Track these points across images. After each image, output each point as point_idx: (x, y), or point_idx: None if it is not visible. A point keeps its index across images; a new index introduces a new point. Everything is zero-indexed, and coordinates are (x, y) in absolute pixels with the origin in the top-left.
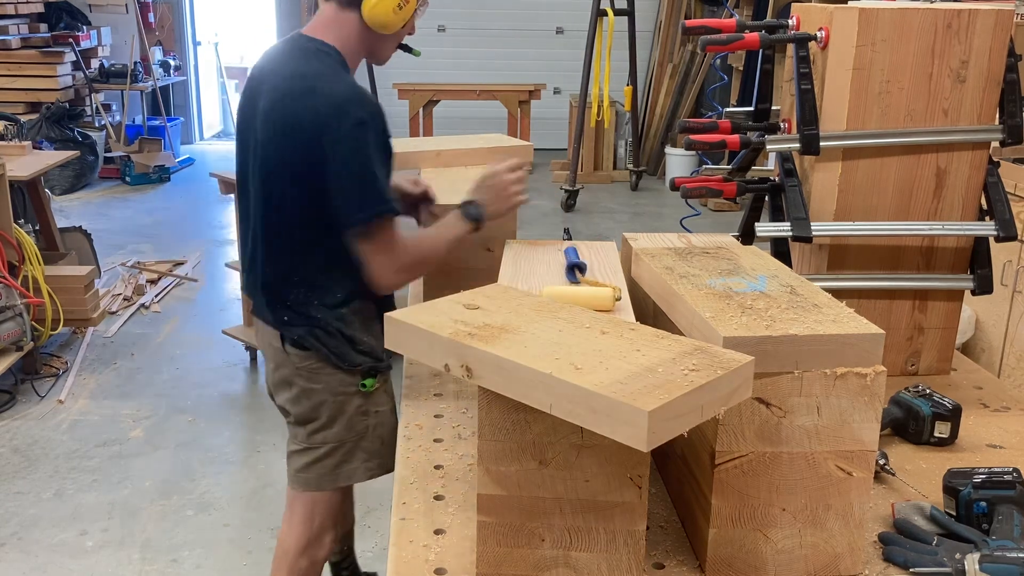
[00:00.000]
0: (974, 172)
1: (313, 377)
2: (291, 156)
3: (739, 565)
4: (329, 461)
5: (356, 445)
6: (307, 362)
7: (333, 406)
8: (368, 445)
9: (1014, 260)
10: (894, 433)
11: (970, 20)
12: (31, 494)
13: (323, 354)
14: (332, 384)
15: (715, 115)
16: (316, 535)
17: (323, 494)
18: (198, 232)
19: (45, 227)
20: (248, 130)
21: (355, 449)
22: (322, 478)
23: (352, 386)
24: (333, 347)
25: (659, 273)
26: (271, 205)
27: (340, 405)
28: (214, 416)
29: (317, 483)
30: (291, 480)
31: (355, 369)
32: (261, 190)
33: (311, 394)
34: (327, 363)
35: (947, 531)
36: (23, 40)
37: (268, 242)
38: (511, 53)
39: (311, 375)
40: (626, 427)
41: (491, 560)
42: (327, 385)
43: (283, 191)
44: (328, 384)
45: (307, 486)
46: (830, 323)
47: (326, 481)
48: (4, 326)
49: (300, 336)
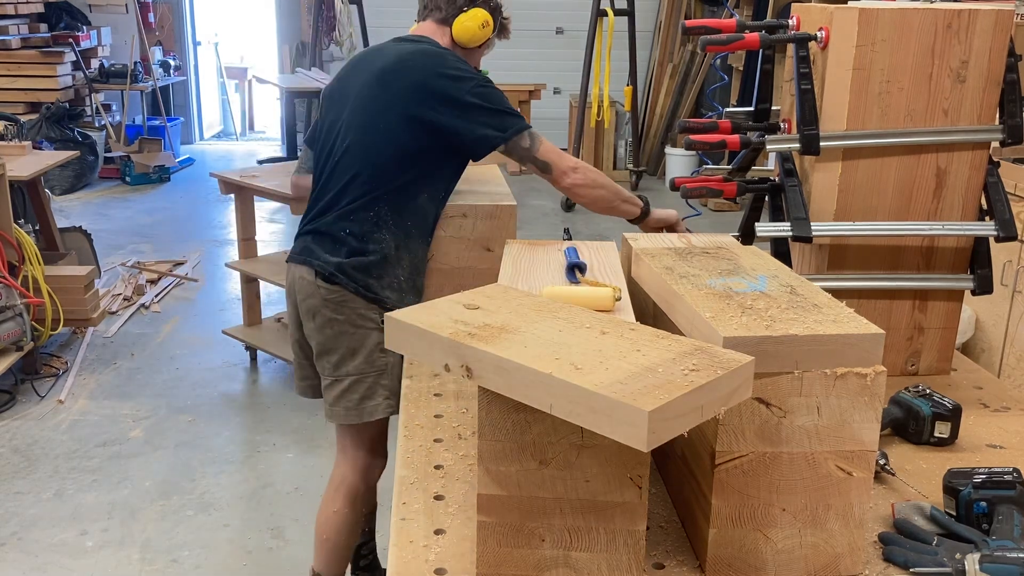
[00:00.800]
0: (974, 172)
1: (338, 308)
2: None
3: (739, 565)
4: (353, 395)
5: (376, 381)
6: (333, 295)
7: (354, 337)
8: (387, 383)
9: (1014, 260)
10: (894, 433)
11: (970, 20)
12: (31, 494)
13: (351, 288)
14: (353, 317)
15: (715, 115)
16: (369, 461)
17: (364, 426)
18: (198, 232)
19: (45, 227)
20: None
21: (376, 385)
22: (348, 412)
23: (371, 321)
24: (360, 282)
25: (659, 273)
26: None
27: (361, 338)
28: (214, 416)
29: (345, 416)
30: (327, 415)
31: (376, 302)
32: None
33: (334, 323)
34: (354, 295)
35: (947, 531)
36: (23, 40)
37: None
38: (511, 53)
39: (336, 307)
40: (626, 427)
41: (491, 560)
42: (348, 317)
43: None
44: (349, 317)
45: (338, 419)
46: (830, 323)
47: (352, 415)
48: (4, 326)
49: (330, 273)
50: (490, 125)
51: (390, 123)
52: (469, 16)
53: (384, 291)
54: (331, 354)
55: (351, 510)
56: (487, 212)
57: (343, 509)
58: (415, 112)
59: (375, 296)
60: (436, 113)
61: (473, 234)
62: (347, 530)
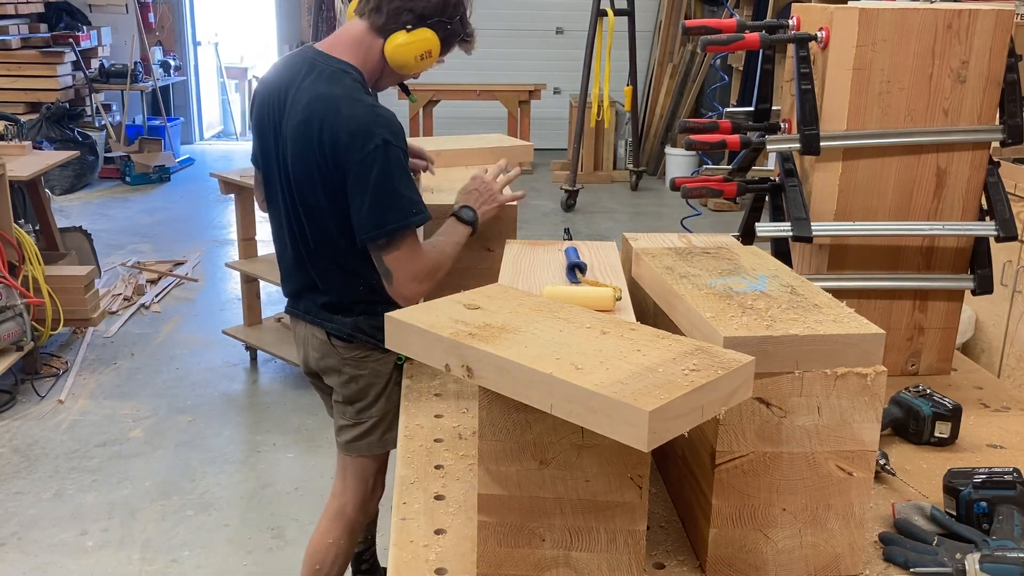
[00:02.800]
0: (974, 172)
1: (360, 364)
2: (322, 176)
3: (739, 565)
4: (377, 432)
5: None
6: (353, 352)
7: (379, 387)
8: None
9: (1014, 260)
10: (894, 433)
11: (970, 20)
12: (31, 494)
13: (370, 345)
14: (377, 368)
15: (715, 115)
16: (370, 493)
17: (373, 458)
18: (198, 232)
19: (45, 227)
20: (272, 146)
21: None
22: (372, 445)
23: (390, 364)
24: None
25: (659, 273)
26: (313, 222)
27: (384, 384)
28: (214, 416)
29: (368, 449)
30: (343, 449)
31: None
32: (300, 208)
33: (359, 379)
34: (374, 350)
35: (947, 531)
36: (23, 40)
37: (316, 262)
38: (511, 53)
39: (358, 363)
40: (626, 427)
41: (491, 560)
42: (372, 370)
43: (320, 209)
44: (373, 369)
45: (359, 452)
46: (830, 323)
47: (376, 447)
48: (4, 326)
49: (348, 334)
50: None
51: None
52: (409, 40)
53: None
54: (356, 403)
55: (347, 540)
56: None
57: (340, 540)
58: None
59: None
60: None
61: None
62: (341, 560)
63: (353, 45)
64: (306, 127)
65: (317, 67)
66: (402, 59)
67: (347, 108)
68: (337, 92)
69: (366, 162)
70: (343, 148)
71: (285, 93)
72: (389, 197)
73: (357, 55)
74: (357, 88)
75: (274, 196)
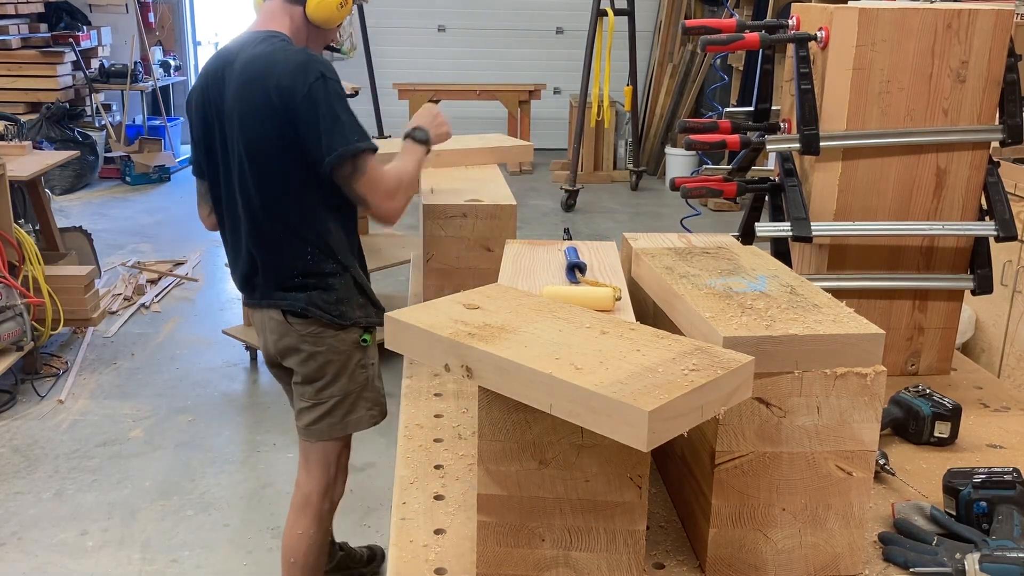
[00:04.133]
0: (974, 172)
1: (317, 341)
2: (274, 126)
3: (739, 565)
4: (337, 412)
5: (359, 396)
6: (310, 328)
7: (337, 364)
8: (369, 395)
9: (1014, 260)
10: (894, 433)
11: (970, 20)
12: (31, 494)
13: (325, 320)
14: (334, 344)
15: (715, 115)
16: (333, 478)
17: (334, 442)
18: (198, 232)
19: (45, 227)
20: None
21: (358, 400)
22: (333, 427)
23: (351, 344)
24: (334, 312)
25: (659, 273)
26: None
27: (343, 362)
28: (214, 416)
29: (329, 433)
30: (303, 434)
31: (353, 326)
32: (252, 176)
33: (316, 356)
34: (328, 327)
35: (947, 531)
36: (23, 40)
37: (268, 234)
38: (511, 53)
39: (315, 340)
40: (626, 427)
41: (491, 560)
42: (330, 347)
43: (272, 165)
44: (331, 345)
45: (320, 436)
46: (830, 323)
47: (336, 430)
48: (4, 326)
49: (302, 308)
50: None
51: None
52: None
53: (355, 312)
54: (316, 382)
55: (317, 530)
56: (487, 212)
57: (309, 530)
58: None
59: (352, 321)
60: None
61: (473, 234)
62: (315, 551)
63: (276, 19)
64: (250, 86)
65: (246, 44)
66: (326, 14)
67: (282, 56)
68: (269, 50)
69: (311, 96)
70: (287, 90)
71: (221, 76)
72: (337, 124)
73: (284, 26)
74: (287, 45)
75: (223, 186)
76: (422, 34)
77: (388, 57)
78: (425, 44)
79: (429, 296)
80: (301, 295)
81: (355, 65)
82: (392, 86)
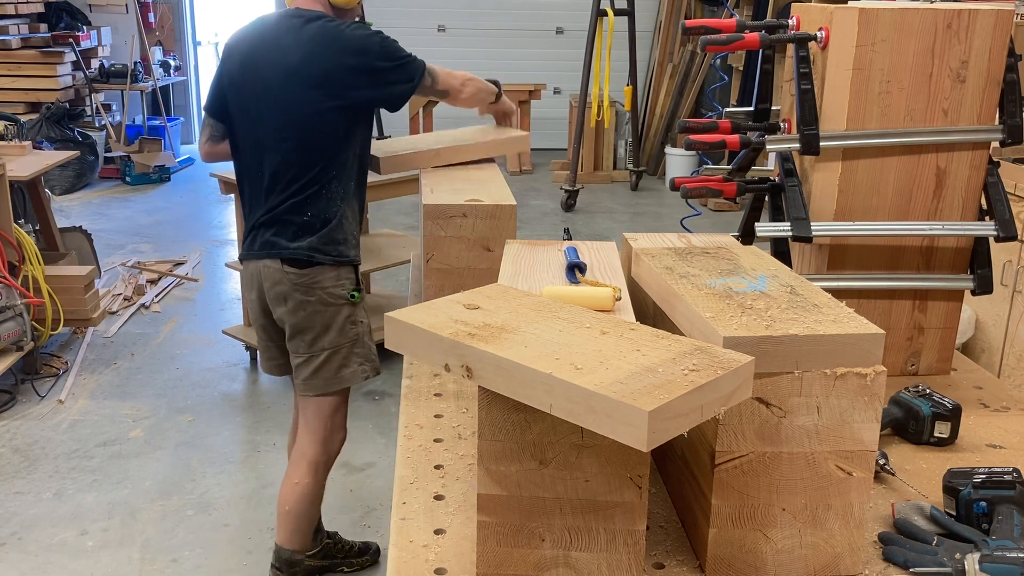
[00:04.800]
0: (974, 172)
1: (308, 291)
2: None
3: (739, 565)
4: (331, 366)
5: (351, 350)
6: (303, 278)
7: (325, 315)
8: (360, 350)
9: (1014, 260)
10: (894, 433)
11: (970, 20)
12: (31, 494)
13: (327, 262)
14: (323, 296)
15: (715, 115)
16: (330, 432)
17: (330, 398)
18: (198, 232)
19: (45, 227)
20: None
21: (350, 354)
22: (328, 382)
23: (340, 298)
24: (333, 252)
25: (659, 273)
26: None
27: (332, 314)
28: (214, 416)
29: (324, 386)
30: (301, 388)
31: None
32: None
33: (306, 305)
34: (321, 276)
35: (947, 531)
36: (23, 40)
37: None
38: (511, 53)
39: (307, 289)
40: (626, 427)
41: (491, 560)
42: (319, 298)
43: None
44: (320, 297)
45: (316, 391)
46: (830, 323)
47: (332, 384)
48: (4, 326)
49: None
50: (399, 81)
51: (315, 119)
52: None
53: (351, 251)
54: (306, 333)
55: (313, 480)
56: (487, 212)
57: (304, 479)
58: (336, 103)
59: (348, 259)
60: (353, 93)
61: (473, 234)
62: (308, 500)
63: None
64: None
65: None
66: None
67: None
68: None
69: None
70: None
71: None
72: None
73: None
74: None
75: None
76: (422, 34)
77: None
78: (425, 44)
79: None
80: (304, 243)
81: None
82: None
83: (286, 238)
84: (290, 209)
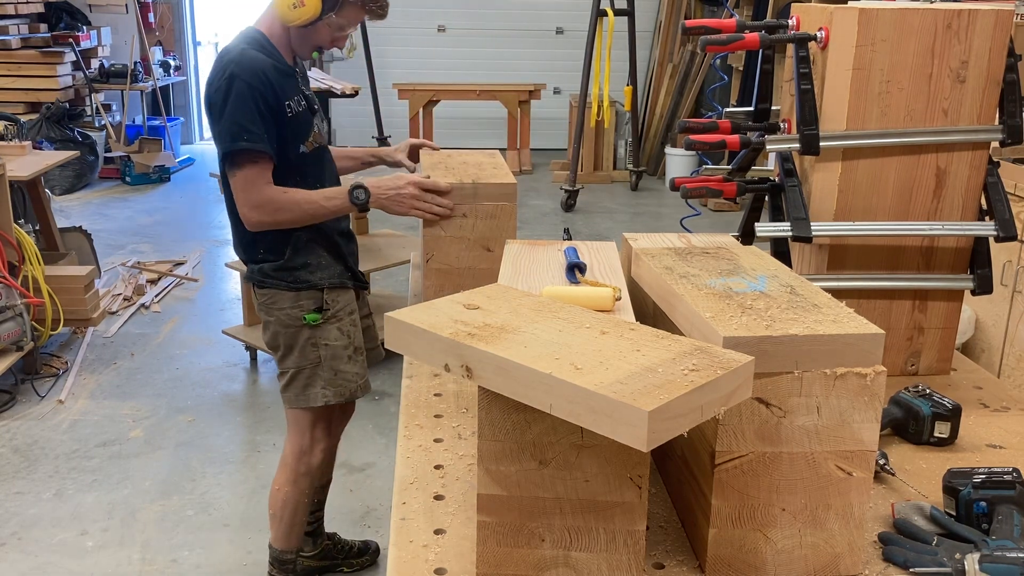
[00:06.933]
0: (974, 172)
1: (269, 311)
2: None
3: (739, 565)
4: (296, 384)
5: (313, 373)
6: (264, 298)
7: (285, 336)
8: (324, 374)
9: (1014, 260)
10: (894, 433)
11: (970, 20)
12: (31, 494)
13: (281, 287)
14: (282, 317)
15: (715, 115)
16: (309, 445)
17: (305, 412)
18: (198, 232)
19: (45, 227)
20: None
21: (313, 376)
22: (296, 398)
23: (299, 320)
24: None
25: (659, 273)
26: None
27: (291, 336)
28: (214, 416)
29: (293, 402)
30: (282, 397)
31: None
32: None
33: (269, 325)
34: (278, 298)
35: (947, 531)
36: (23, 40)
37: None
38: (511, 53)
39: (268, 309)
40: (626, 427)
41: (491, 560)
42: (278, 318)
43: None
44: (279, 317)
45: (288, 404)
46: (830, 323)
47: (299, 401)
48: (4, 326)
49: (258, 280)
50: (218, 137)
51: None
52: None
53: (312, 275)
54: (275, 350)
55: (293, 488)
56: (487, 212)
57: (283, 487)
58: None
59: (308, 284)
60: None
61: (473, 234)
62: (290, 506)
63: (265, 16)
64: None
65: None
66: (280, 11)
67: (223, 53)
68: (228, 46)
69: (215, 92)
70: (207, 84)
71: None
72: (224, 122)
73: (266, 24)
74: (247, 40)
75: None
76: (422, 34)
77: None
78: (425, 44)
79: (429, 296)
80: (256, 267)
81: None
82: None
83: (247, 259)
84: (240, 239)
